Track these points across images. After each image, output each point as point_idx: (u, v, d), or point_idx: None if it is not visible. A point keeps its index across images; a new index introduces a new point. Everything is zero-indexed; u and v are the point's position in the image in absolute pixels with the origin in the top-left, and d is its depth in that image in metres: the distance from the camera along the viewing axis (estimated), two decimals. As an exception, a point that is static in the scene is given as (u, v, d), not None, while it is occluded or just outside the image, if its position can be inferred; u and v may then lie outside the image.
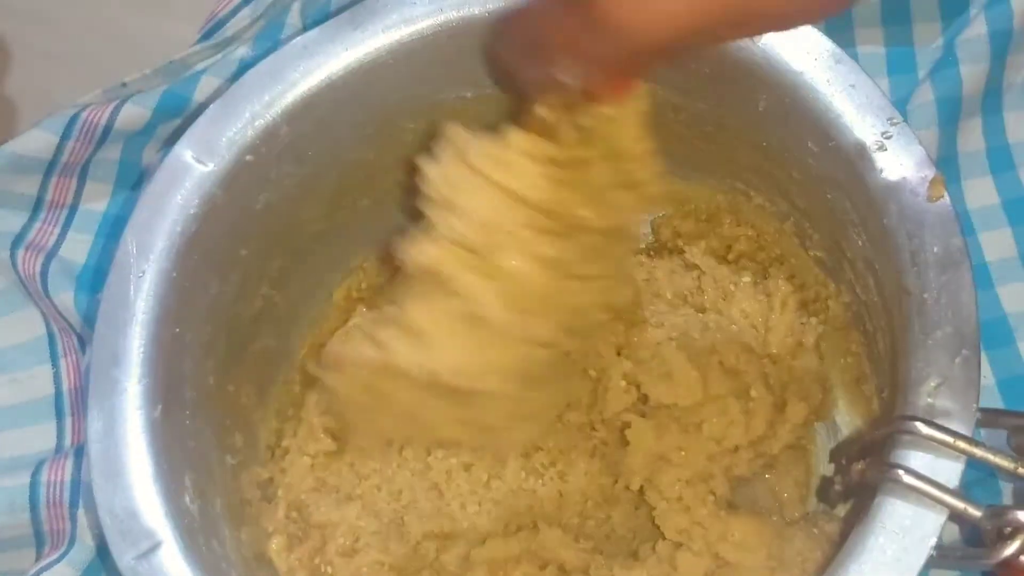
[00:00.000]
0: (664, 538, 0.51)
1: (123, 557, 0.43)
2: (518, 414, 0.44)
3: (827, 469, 0.52)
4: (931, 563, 0.39)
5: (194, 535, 0.45)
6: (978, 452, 0.40)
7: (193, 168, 0.49)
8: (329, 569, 0.52)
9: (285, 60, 0.50)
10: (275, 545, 0.52)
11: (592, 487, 0.54)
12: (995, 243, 0.56)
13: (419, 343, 0.41)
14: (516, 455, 0.54)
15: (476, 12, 0.50)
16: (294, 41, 0.50)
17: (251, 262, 0.52)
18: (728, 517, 0.50)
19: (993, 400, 0.54)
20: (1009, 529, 0.39)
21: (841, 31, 0.60)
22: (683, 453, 0.51)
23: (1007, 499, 0.51)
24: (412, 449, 0.54)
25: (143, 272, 0.48)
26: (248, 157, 0.50)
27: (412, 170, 0.55)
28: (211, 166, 0.49)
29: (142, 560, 0.43)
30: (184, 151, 0.49)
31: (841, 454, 0.48)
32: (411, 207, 0.57)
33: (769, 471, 0.52)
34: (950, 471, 0.40)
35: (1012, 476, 0.40)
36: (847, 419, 0.54)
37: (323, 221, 0.55)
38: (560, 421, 0.54)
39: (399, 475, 0.54)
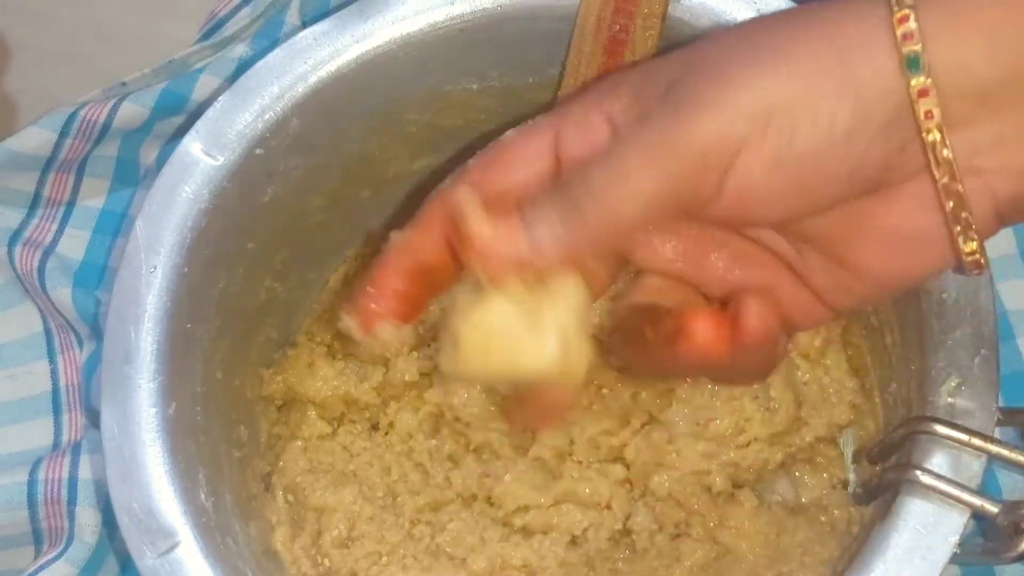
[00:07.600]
0: (661, 531, 0.51)
1: (143, 557, 0.43)
2: None
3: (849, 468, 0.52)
4: (952, 559, 0.40)
5: (211, 533, 0.44)
6: (993, 449, 0.41)
7: (203, 162, 0.48)
8: (327, 561, 0.52)
9: (294, 52, 0.49)
10: (279, 536, 0.52)
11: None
12: (995, 240, 0.55)
13: None
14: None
15: (487, 5, 0.49)
16: (303, 33, 0.50)
17: (257, 255, 0.52)
18: (725, 504, 0.50)
19: (992, 396, 0.54)
20: (1026, 524, 0.39)
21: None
22: (675, 455, 0.50)
23: (1007, 493, 0.52)
24: (396, 433, 0.54)
25: (154, 268, 0.47)
26: (258, 150, 0.49)
27: (413, 159, 0.55)
28: (221, 160, 0.48)
29: (162, 560, 0.43)
30: (193, 144, 0.48)
31: (862, 455, 0.49)
32: (409, 196, 0.57)
33: (798, 462, 0.52)
34: (972, 468, 0.41)
35: (1028, 472, 0.41)
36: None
37: (324, 212, 0.55)
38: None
39: (387, 454, 0.54)
